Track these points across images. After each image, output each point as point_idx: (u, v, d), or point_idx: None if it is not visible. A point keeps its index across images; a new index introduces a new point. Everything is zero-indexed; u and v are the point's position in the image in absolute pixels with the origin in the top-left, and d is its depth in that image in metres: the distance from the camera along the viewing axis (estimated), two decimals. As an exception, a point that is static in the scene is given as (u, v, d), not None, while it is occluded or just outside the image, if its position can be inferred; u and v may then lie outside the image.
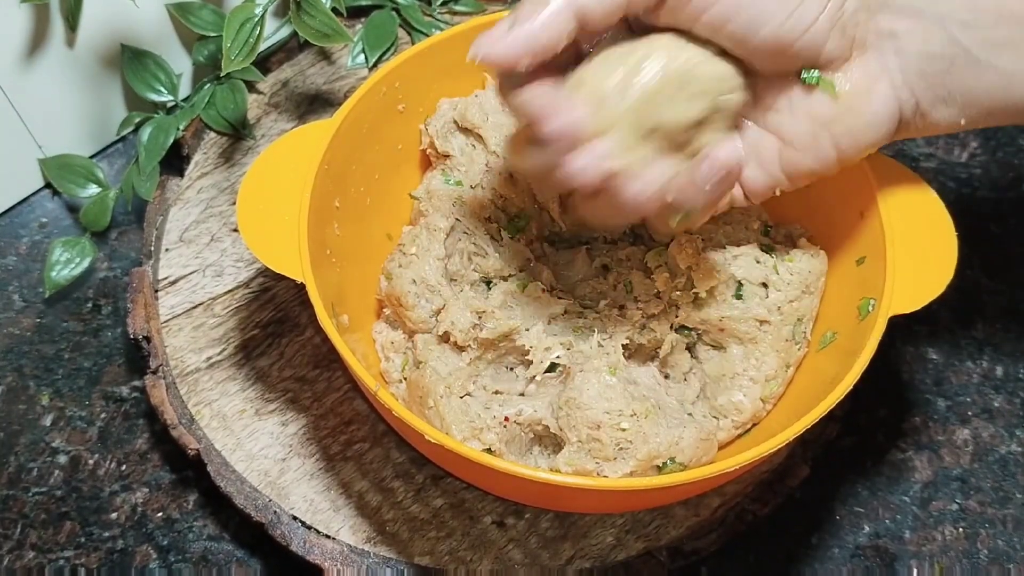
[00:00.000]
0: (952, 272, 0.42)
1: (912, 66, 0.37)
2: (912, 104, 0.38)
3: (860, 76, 0.37)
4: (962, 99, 0.37)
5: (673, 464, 0.43)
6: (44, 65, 0.56)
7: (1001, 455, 0.54)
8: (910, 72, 0.37)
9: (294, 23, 0.54)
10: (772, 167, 0.40)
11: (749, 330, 0.47)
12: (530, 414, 0.44)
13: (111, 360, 0.56)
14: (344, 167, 0.46)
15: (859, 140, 0.38)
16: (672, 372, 0.48)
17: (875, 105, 0.38)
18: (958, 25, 0.36)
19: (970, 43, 0.36)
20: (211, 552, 0.51)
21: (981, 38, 0.36)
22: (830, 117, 0.38)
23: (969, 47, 0.36)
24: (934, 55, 0.36)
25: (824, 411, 0.38)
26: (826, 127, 0.38)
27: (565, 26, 0.34)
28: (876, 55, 0.37)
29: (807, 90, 0.38)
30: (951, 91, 0.37)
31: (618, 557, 0.46)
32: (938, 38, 0.36)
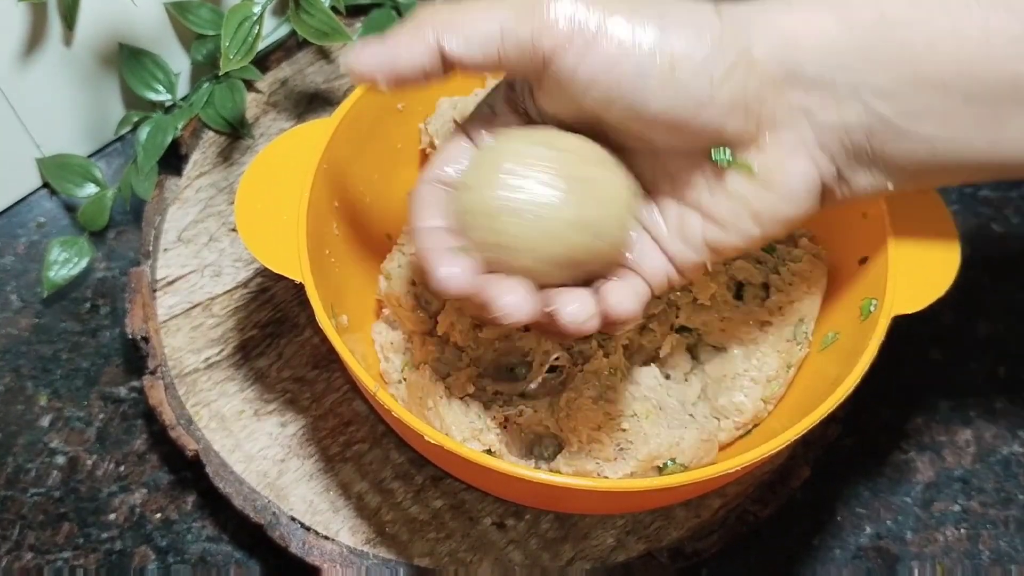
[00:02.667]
0: (955, 272, 0.42)
1: (830, 138, 0.35)
2: (833, 174, 0.36)
3: (775, 153, 0.35)
4: (886, 165, 0.36)
5: (674, 465, 0.43)
6: (42, 64, 0.56)
7: (1003, 456, 0.54)
8: (828, 144, 0.35)
9: (293, 22, 0.54)
10: (697, 244, 0.37)
11: (750, 331, 0.47)
12: (530, 414, 0.44)
13: (109, 360, 0.56)
14: (343, 167, 0.46)
15: (781, 216, 0.36)
16: (673, 373, 0.48)
17: (794, 181, 0.35)
18: (873, 94, 0.34)
19: (888, 112, 0.34)
20: (210, 553, 0.50)
21: (898, 106, 0.34)
22: (749, 195, 0.35)
23: (887, 116, 0.34)
24: (851, 126, 0.34)
25: (826, 412, 0.38)
26: (745, 204, 0.36)
27: (424, 56, 0.33)
28: (790, 130, 0.35)
29: (719, 171, 0.35)
30: (873, 159, 0.35)
31: (619, 558, 0.46)
32: (854, 109, 0.34)
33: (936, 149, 0.35)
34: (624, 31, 0.32)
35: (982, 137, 0.34)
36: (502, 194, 0.33)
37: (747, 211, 0.36)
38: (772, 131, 0.34)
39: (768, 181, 0.35)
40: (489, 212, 0.33)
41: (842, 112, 0.34)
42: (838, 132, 0.35)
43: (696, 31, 0.33)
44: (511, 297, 0.33)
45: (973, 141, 0.34)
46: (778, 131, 0.35)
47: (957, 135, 0.34)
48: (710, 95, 0.33)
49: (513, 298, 0.33)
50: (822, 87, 0.34)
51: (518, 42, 0.33)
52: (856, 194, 0.37)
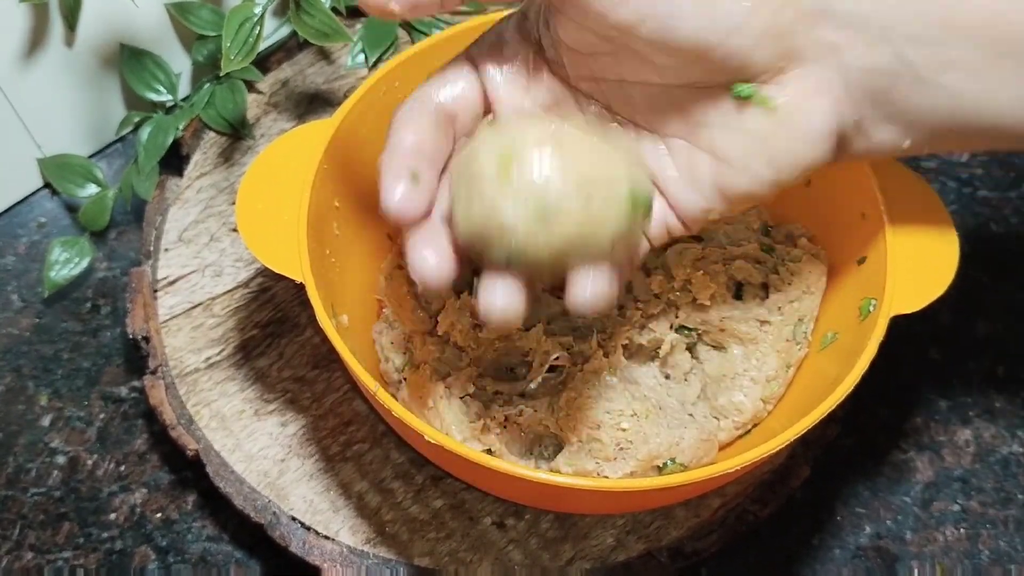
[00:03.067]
0: (953, 272, 0.42)
1: (855, 81, 0.34)
2: (853, 122, 0.35)
3: (798, 90, 0.34)
4: (906, 119, 0.35)
5: (673, 464, 0.43)
6: (43, 65, 0.56)
7: (1003, 455, 0.54)
8: (852, 87, 0.34)
9: (293, 22, 0.54)
10: (706, 188, 0.36)
11: (750, 330, 0.47)
12: (530, 414, 0.44)
13: (110, 360, 0.56)
14: (344, 167, 0.46)
15: (796, 158, 0.35)
16: (672, 372, 0.48)
17: (814, 121, 0.34)
18: (905, 39, 0.33)
19: (917, 59, 0.33)
20: (210, 553, 0.50)
21: (928, 54, 0.33)
22: (765, 133, 0.34)
23: (915, 64, 0.33)
24: (878, 71, 0.34)
25: (825, 412, 0.38)
26: (761, 143, 0.35)
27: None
28: (816, 68, 0.34)
29: (740, 104, 0.34)
30: (895, 110, 0.35)
31: (619, 558, 0.46)
32: (883, 53, 0.33)
33: (960, 104, 0.34)
34: None
35: (1007, 93, 0.33)
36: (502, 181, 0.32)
37: (762, 150, 0.35)
38: (798, 67, 0.34)
39: (788, 119, 0.34)
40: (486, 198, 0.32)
41: (871, 54, 0.33)
42: (865, 75, 0.34)
43: None
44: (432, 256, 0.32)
45: (998, 97, 0.34)
46: (804, 68, 0.34)
47: (983, 89, 0.34)
48: (743, 20, 0.32)
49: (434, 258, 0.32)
50: (855, 26, 0.33)
51: None
52: (872, 149, 0.36)
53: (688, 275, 0.47)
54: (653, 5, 0.32)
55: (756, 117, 0.34)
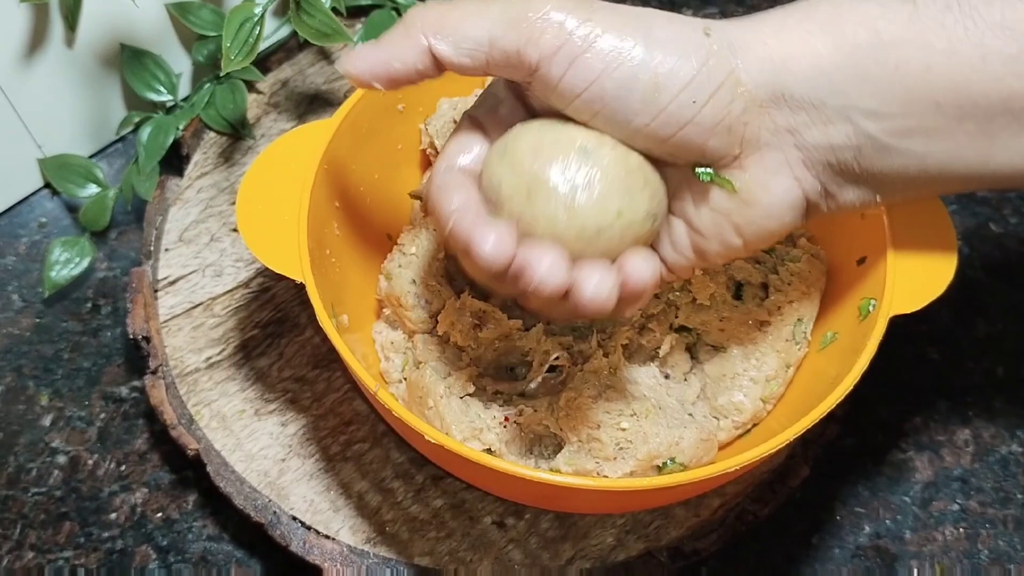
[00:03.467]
0: (953, 272, 0.42)
1: (815, 158, 0.35)
2: (818, 190, 0.36)
3: (757, 171, 0.35)
4: (874, 181, 0.36)
5: (673, 464, 0.43)
6: (43, 65, 0.56)
7: (1002, 455, 0.54)
8: (813, 163, 0.35)
9: (294, 23, 0.54)
10: (685, 251, 0.38)
11: (749, 330, 0.47)
12: (530, 414, 0.44)
13: (110, 360, 0.56)
14: (344, 167, 0.46)
15: (763, 230, 0.36)
16: (672, 372, 0.48)
17: (776, 198, 0.35)
18: (863, 114, 0.34)
19: (877, 131, 0.34)
20: (210, 552, 0.50)
21: (888, 126, 0.34)
22: (730, 210, 0.36)
23: (876, 135, 0.34)
24: (838, 146, 0.34)
25: (825, 411, 0.38)
26: (727, 218, 0.36)
27: (416, 58, 0.34)
28: (773, 151, 0.35)
29: (703, 185, 0.36)
30: (860, 175, 0.35)
31: (618, 558, 0.46)
32: (842, 130, 0.34)
33: (926, 164, 0.35)
34: (610, 47, 0.32)
35: (973, 151, 0.34)
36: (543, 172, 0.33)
37: (729, 225, 0.36)
38: (755, 151, 0.35)
39: (750, 198, 0.35)
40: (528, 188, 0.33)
41: (829, 132, 0.34)
42: (824, 152, 0.35)
43: (682, 52, 0.33)
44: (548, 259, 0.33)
45: (964, 155, 0.34)
46: (761, 151, 0.35)
47: (948, 150, 0.34)
48: (692, 115, 0.33)
49: (549, 260, 0.33)
50: (809, 108, 0.34)
51: (505, 50, 0.33)
52: (843, 208, 0.37)
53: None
54: (603, 101, 0.33)
55: (720, 196, 0.36)
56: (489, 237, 0.33)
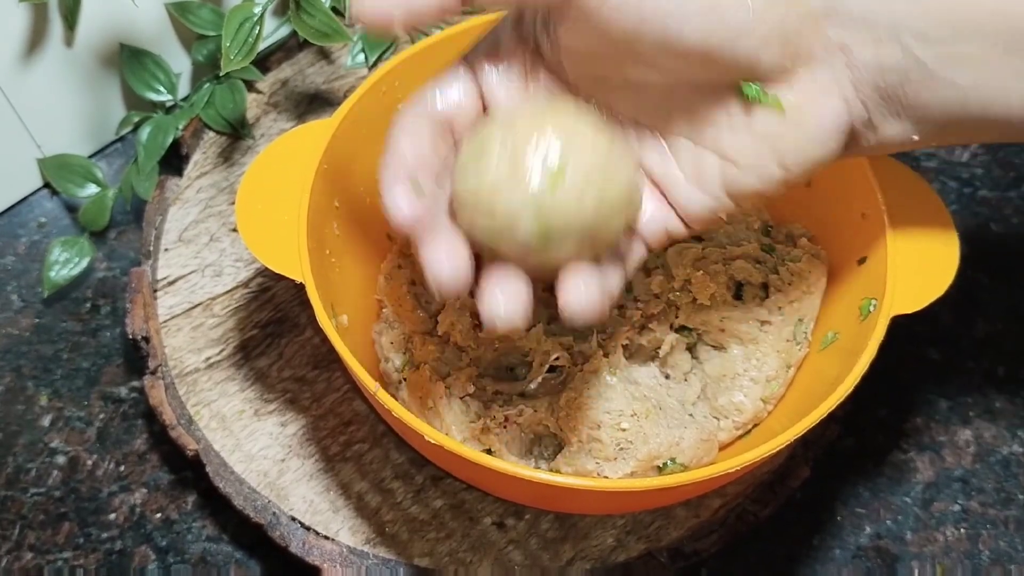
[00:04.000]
0: (953, 272, 0.42)
1: (864, 79, 0.34)
2: (864, 118, 0.35)
3: (808, 90, 0.34)
4: (916, 114, 0.35)
5: (674, 465, 0.43)
6: (43, 64, 0.56)
7: (1003, 456, 0.54)
8: (862, 85, 0.34)
9: (293, 22, 0.54)
10: (713, 188, 0.36)
11: (750, 330, 0.47)
12: (530, 414, 0.44)
13: (110, 360, 0.56)
14: (344, 167, 0.46)
15: (806, 157, 0.35)
16: (672, 372, 0.48)
17: (825, 120, 0.34)
18: (913, 36, 0.33)
19: (926, 56, 0.33)
20: (210, 553, 0.50)
21: (937, 51, 0.33)
22: (775, 133, 0.34)
23: (925, 60, 0.33)
24: (888, 68, 0.33)
25: (825, 412, 0.38)
26: (770, 143, 0.34)
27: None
28: (824, 68, 0.34)
29: (748, 105, 0.34)
30: (905, 105, 0.35)
31: (619, 558, 0.46)
32: (892, 50, 0.33)
33: (969, 99, 0.34)
34: None
35: (1017, 90, 0.33)
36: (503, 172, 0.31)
37: (771, 151, 0.35)
38: (807, 67, 0.34)
39: (797, 119, 0.34)
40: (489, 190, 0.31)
41: (880, 52, 0.33)
42: (874, 73, 0.34)
43: None
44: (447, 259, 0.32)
45: (1009, 93, 0.34)
46: (813, 68, 0.34)
47: (993, 86, 0.34)
48: (749, 25, 0.32)
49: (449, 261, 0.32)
50: (862, 24, 0.33)
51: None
52: (882, 143, 0.36)
53: (688, 275, 0.47)
54: (657, 10, 0.31)
55: (765, 118, 0.34)
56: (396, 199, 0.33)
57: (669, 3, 0.31)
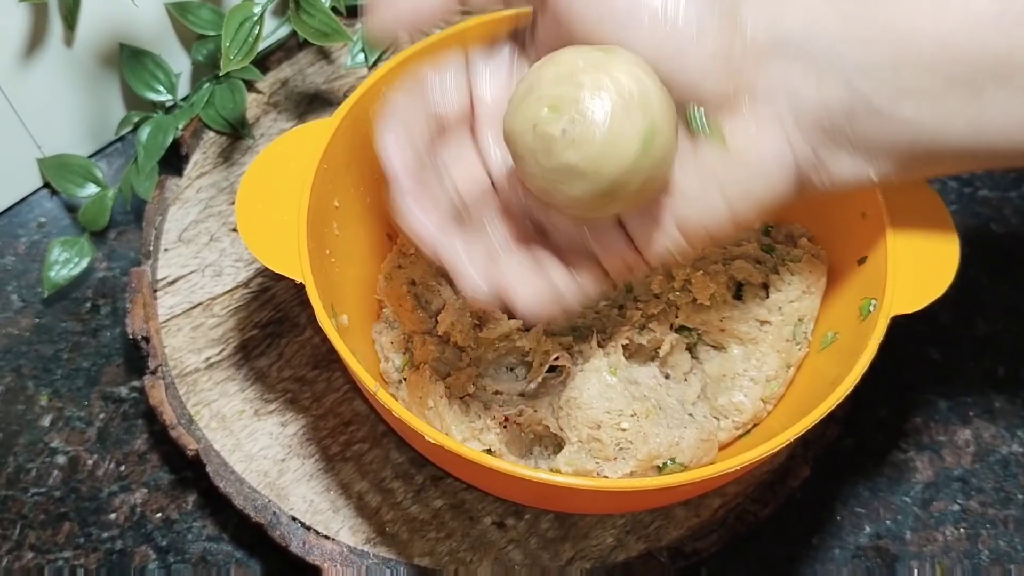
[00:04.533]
0: (954, 272, 0.42)
1: (808, 118, 0.34)
2: (809, 156, 0.35)
3: (750, 126, 0.34)
4: (867, 148, 0.35)
5: (673, 464, 0.43)
6: (43, 64, 0.56)
7: (1003, 455, 0.54)
8: (805, 123, 0.34)
9: (293, 22, 0.54)
10: (665, 221, 0.36)
11: (750, 330, 0.47)
12: (530, 414, 0.44)
13: (110, 360, 0.56)
14: (344, 167, 0.46)
15: (751, 195, 0.35)
16: (672, 372, 0.48)
17: (767, 158, 0.34)
18: (856, 71, 0.33)
19: (870, 91, 0.33)
20: (210, 553, 0.50)
21: (881, 85, 0.33)
22: (719, 166, 0.34)
23: (869, 96, 0.33)
24: (832, 105, 0.34)
25: (825, 412, 0.38)
26: (715, 176, 0.35)
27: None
28: (768, 105, 0.34)
29: (693, 136, 0.34)
30: (853, 141, 0.35)
31: (618, 558, 0.46)
32: (836, 86, 0.33)
33: (918, 133, 0.34)
34: None
35: (964, 118, 0.34)
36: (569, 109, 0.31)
37: (716, 185, 0.35)
38: (750, 103, 0.34)
39: (740, 153, 0.34)
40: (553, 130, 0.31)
41: (823, 89, 0.34)
42: (818, 111, 0.34)
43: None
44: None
45: (955, 123, 0.34)
46: (755, 103, 0.34)
47: (939, 117, 0.34)
48: (695, 43, 0.32)
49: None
50: (804, 59, 0.33)
51: None
52: (837, 183, 0.36)
53: (688, 275, 0.47)
54: (614, 12, 0.32)
55: (710, 150, 0.35)
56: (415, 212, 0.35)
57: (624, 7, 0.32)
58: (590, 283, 0.37)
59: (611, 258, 0.37)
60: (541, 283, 0.36)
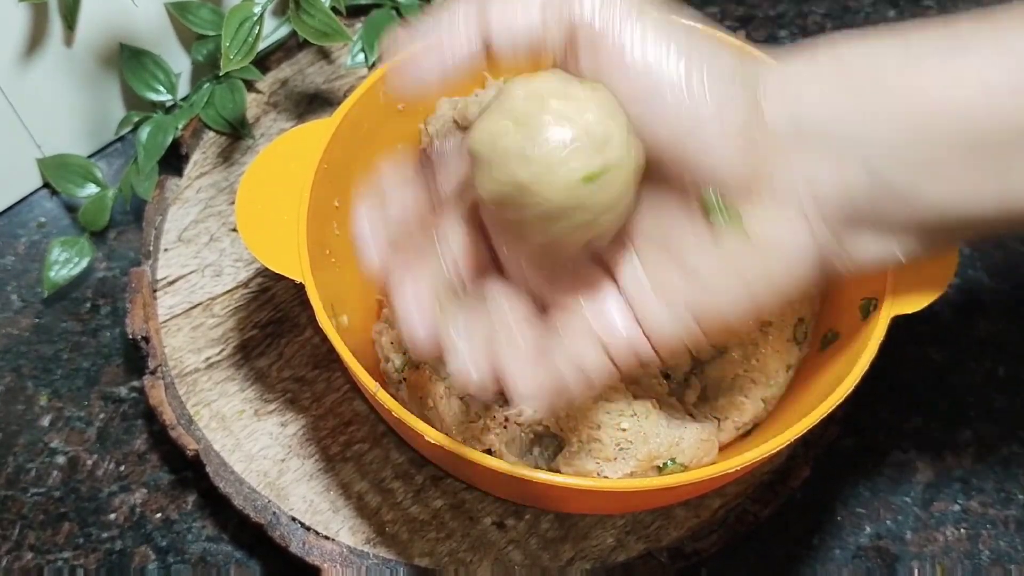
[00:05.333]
0: (954, 272, 0.42)
1: (830, 204, 0.33)
2: (832, 243, 0.34)
3: (770, 214, 0.33)
4: (891, 231, 0.34)
5: (674, 465, 0.43)
6: (42, 64, 0.56)
7: (1003, 455, 0.54)
8: (827, 211, 0.33)
9: (293, 22, 0.54)
10: (678, 307, 0.34)
11: (750, 331, 0.47)
12: (530, 414, 0.44)
13: (110, 360, 0.56)
14: (344, 167, 0.46)
15: (773, 283, 0.34)
16: (672, 372, 0.48)
17: (787, 245, 0.33)
18: (873, 150, 0.32)
19: (890, 171, 0.32)
20: (210, 553, 0.50)
21: (903, 166, 0.32)
22: (739, 254, 0.33)
23: (889, 177, 0.32)
24: (853, 191, 0.33)
25: (826, 412, 0.38)
26: (735, 264, 0.33)
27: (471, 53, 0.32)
28: (789, 197, 0.33)
29: (710, 224, 0.33)
30: (877, 225, 0.34)
31: (618, 558, 0.46)
32: (854, 170, 0.32)
33: (943, 210, 0.33)
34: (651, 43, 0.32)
35: (989, 191, 0.33)
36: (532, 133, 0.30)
37: (736, 271, 0.34)
38: (768, 190, 0.33)
39: (761, 242, 0.33)
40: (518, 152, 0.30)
41: (843, 174, 0.33)
42: (839, 197, 0.33)
43: (715, 62, 0.32)
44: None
45: (981, 196, 0.33)
46: (774, 192, 0.33)
47: (962, 192, 0.33)
48: (718, 122, 0.32)
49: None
50: (822, 145, 0.33)
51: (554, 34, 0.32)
52: (861, 265, 0.35)
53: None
54: (635, 86, 0.32)
55: (730, 237, 0.33)
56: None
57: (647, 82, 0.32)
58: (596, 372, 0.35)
59: (618, 345, 0.35)
60: (543, 372, 0.33)
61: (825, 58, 0.33)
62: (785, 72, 0.33)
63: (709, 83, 0.32)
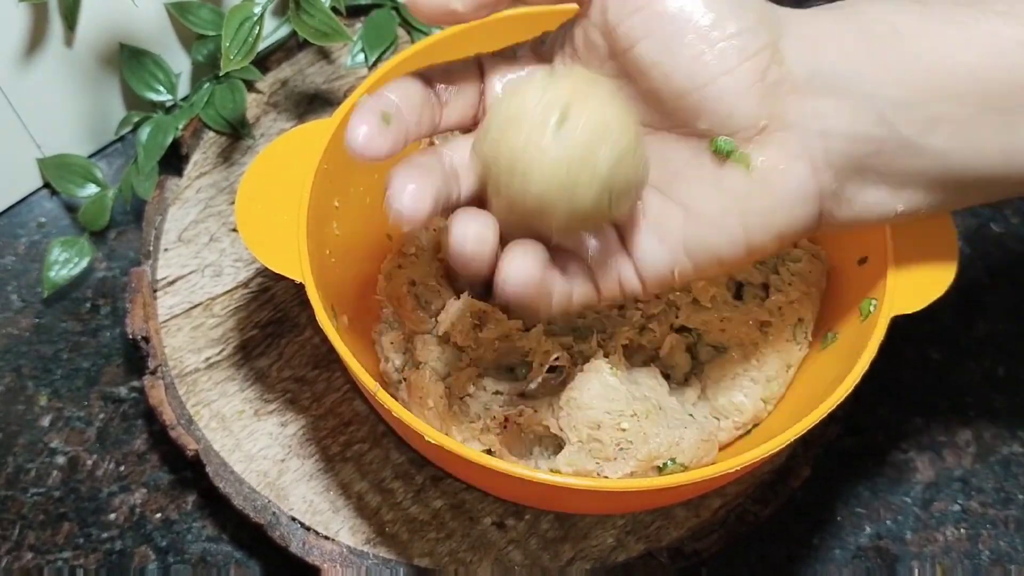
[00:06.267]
0: (954, 272, 0.42)
1: (836, 148, 0.34)
2: (833, 188, 0.35)
3: (777, 152, 0.34)
4: (895, 182, 0.35)
5: (674, 465, 0.43)
6: (43, 64, 0.56)
7: (1003, 455, 0.54)
8: (833, 154, 0.34)
9: (293, 22, 0.54)
10: (674, 243, 0.35)
11: (750, 331, 0.47)
12: (530, 414, 0.44)
13: (110, 360, 0.56)
14: (344, 167, 0.46)
15: (770, 221, 0.35)
16: (672, 372, 0.48)
17: (790, 185, 0.34)
18: (888, 104, 0.33)
19: (901, 123, 0.33)
20: (210, 553, 0.50)
21: (913, 116, 0.33)
22: (741, 192, 0.34)
23: (900, 128, 0.33)
24: (861, 137, 0.34)
25: (825, 412, 0.38)
26: (737, 202, 0.34)
27: None
28: (797, 133, 0.34)
29: (719, 160, 0.34)
30: (881, 175, 0.35)
31: (619, 558, 0.46)
32: (867, 119, 0.33)
33: (947, 163, 0.34)
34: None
35: (994, 145, 0.34)
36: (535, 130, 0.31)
37: (737, 210, 0.35)
38: (780, 129, 0.34)
39: (764, 181, 0.34)
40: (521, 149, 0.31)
41: (855, 120, 0.34)
42: (847, 143, 0.34)
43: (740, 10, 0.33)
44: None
45: (986, 151, 0.34)
46: (785, 131, 0.34)
47: (970, 145, 0.34)
48: (733, 66, 0.33)
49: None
50: (838, 92, 0.34)
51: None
52: (860, 216, 0.36)
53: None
54: (660, 27, 0.32)
55: (734, 175, 0.34)
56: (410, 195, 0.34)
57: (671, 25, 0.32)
58: (580, 294, 0.36)
59: (606, 274, 0.36)
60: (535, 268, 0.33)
61: (847, 14, 0.35)
62: (809, 23, 0.34)
63: (734, 29, 0.33)
